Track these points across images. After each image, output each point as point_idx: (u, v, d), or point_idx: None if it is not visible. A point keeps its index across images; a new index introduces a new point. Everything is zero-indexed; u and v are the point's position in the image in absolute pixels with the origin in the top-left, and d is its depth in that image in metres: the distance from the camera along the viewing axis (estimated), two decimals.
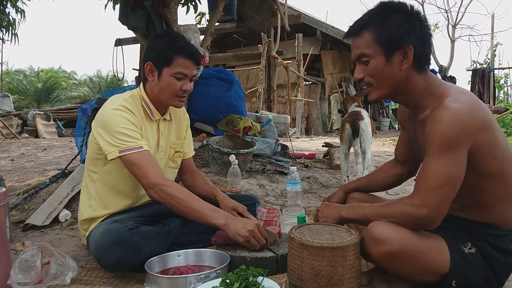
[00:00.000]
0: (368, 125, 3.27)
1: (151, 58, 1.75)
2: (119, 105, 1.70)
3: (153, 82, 1.76)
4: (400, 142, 1.70)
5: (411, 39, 1.30)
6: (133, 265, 1.59)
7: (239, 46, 12.73)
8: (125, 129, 1.65)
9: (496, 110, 9.77)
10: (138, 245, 1.57)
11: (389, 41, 1.30)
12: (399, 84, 1.35)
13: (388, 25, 1.30)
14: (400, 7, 1.33)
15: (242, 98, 4.56)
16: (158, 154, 1.84)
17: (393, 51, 1.31)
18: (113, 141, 1.63)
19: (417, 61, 1.32)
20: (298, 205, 2.11)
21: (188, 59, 1.74)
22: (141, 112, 1.77)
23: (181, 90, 1.75)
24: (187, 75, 1.75)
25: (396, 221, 1.31)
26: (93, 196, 1.76)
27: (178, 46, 1.74)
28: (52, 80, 22.29)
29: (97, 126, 1.70)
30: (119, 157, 1.63)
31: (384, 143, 7.46)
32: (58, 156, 5.54)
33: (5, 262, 1.50)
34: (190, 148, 2.06)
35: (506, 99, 17.80)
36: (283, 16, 5.30)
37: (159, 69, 1.74)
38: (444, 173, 1.24)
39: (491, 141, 1.29)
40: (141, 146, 1.65)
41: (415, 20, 1.31)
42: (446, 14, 17.68)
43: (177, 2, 3.74)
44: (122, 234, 1.56)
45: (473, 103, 1.29)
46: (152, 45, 1.79)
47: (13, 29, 6.33)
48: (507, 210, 1.35)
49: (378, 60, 1.33)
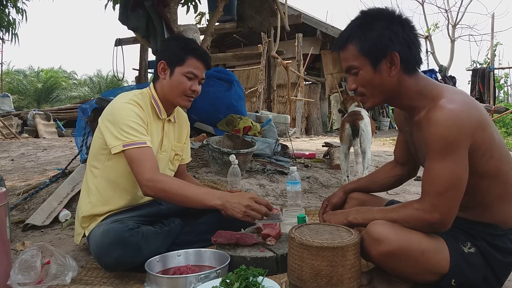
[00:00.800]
0: (368, 125, 3.27)
1: (164, 57, 1.82)
2: (130, 99, 1.75)
3: (165, 80, 1.82)
4: (398, 144, 1.71)
5: (395, 45, 1.30)
6: (133, 265, 1.60)
7: (239, 46, 12.73)
8: (132, 122, 1.68)
9: (496, 110, 9.76)
10: (138, 245, 1.57)
11: (373, 51, 1.31)
12: (391, 90, 1.36)
13: (370, 35, 1.31)
14: (381, 15, 1.34)
15: (242, 98, 4.55)
16: (160, 154, 1.88)
17: (379, 60, 1.32)
18: (119, 134, 1.66)
19: (405, 65, 1.33)
20: (298, 205, 2.10)
21: (200, 61, 1.82)
22: (149, 109, 1.82)
23: (190, 90, 1.82)
24: (197, 76, 1.82)
25: (408, 226, 1.32)
26: (93, 192, 1.77)
27: (191, 48, 1.83)
28: (52, 80, 22.29)
29: (105, 119, 1.73)
30: (123, 151, 1.65)
31: (384, 143, 7.47)
32: (58, 156, 5.54)
33: (5, 262, 1.50)
34: (188, 154, 2.11)
35: (506, 99, 17.81)
36: (283, 16, 5.30)
37: (171, 67, 1.80)
38: (449, 176, 1.25)
39: (488, 140, 1.30)
40: (145, 141, 1.68)
41: (396, 25, 1.31)
42: (446, 14, 17.74)
43: (177, 2, 3.74)
44: (122, 234, 1.56)
45: (468, 103, 1.30)
46: (166, 46, 1.89)
47: (14, 29, 6.33)
48: (506, 210, 1.36)
49: (366, 70, 1.34)
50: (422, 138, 1.33)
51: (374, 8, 1.37)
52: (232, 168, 2.41)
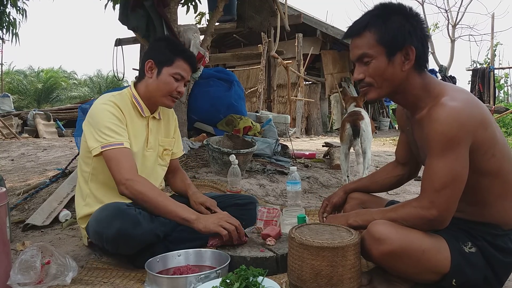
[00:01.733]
0: (369, 125, 3.27)
1: (152, 56, 1.83)
2: (107, 99, 1.77)
3: (151, 79, 1.83)
4: (399, 144, 1.70)
5: (413, 40, 1.31)
6: (133, 241, 1.61)
7: (239, 46, 12.73)
8: (109, 123, 1.71)
9: (496, 110, 9.76)
10: (137, 218, 1.60)
11: (392, 41, 1.31)
12: (398, 85, 1.36)
13: (391, 26, 1.31)
14: (400, 9, 1.34)
15: (242, 98, 4.55)
16: (147, 151, 1.89)
17: (395, 52, 1.32)
18: (98, 135, 1.69)
19: (418, 61, 1.33)
20: (298, 205, 2.10)
21: (187, 63, 1.85)
22: (130, 108, 1.83)
23: (176, 91, 1.84)
24: (184, 77, 1.84)
25: (407, 225, 1.32)
26: (88, 195, 1.80)
27: (180, 49, 1.86)
28: (52, 80, 22.29)
29: (86, 122, 1.77)
30: (101, 152, 1.68)
31: (384, 143, 7.47)
32: (58, 156, 5.54)
33: (5, 262, 1.50)
34: (179, 148, 2.11)
35: (506, 99, 17.81)
36: (283, 16, 5.29)
37: (159, 67, 1.82)
38: (448, 173, 1.25)
39: (490, 139, 1.30)
40: (122, 142, 1.70)
41: (415, 21, 1.33)
42: (446, 14, 17.72)
43: (177, 2, 3.74)
44: (121, 206, 1.61)
45: (470, 101, 1.30)
46: (155, 46, 1.90)
47: (14, 29, 6.33)
48: (506, 209, 1.36)
49: (380, 60, 1.33)
50: (424, 136, 1.33)
51: (393, 3, 1.38)
52: (232, 168, 2.41)
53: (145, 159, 1.88)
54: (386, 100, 13.98)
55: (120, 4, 3.50)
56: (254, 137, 3.86)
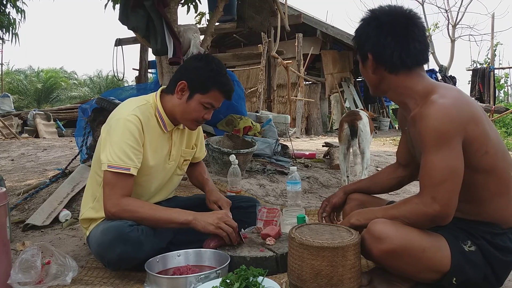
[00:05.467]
0: (367, 125, 3.26)
1: (188, 79, 1.72)
2: (132, 113, 1.66)
3: (180, 101, 1.73)
4: (400, 145, 1.71)
5: (368, 45, 1.40)
6: (136, 261, 1.59)
7: (239, 46, 12.73)
8: (126, 144, 1.62)
9: (496, 110, 9.76)
10: (140, 240, 1.56)
11: (357, 48, 1.46)
12: (377, 85, 1.47)
13: (356, 33, 1.46)
14: (366, 16, 1.43)
15: (242, 98, 4.55)
16: (168, 164, 1.85)
17: (364, 57, 1.44)
18: (109, 153, 1.62)
19: (382, 65, 1.39)
20: (298, 205, 2.10)
21: (223, 95, 1.76)
22: (154, 121, 1.75)
23: (202, 118, 1.76)
24: (215, 107, 1.77)
25: (410, 222, 1.32)
26: (97, 199, 1.75)
27: (220, 81, 1.74)
28: (52, 80, 22.26)
29: (105, 129, 1.69)
30: (105, 170, 1.62)
31: (384, 143, 7.47)
32: (58, 156, 5.54)
33: (5, 262, 1.50)
34: (201, 153, 2.08)
35: (506, 99, 17.80)
36: (283, 16, 5.29)
37: (192, 92, 1.72)
38: (445, 167, 1.26)
39: (482, 136, 1.31)
40: (129, 168, 1.62)
41: (372, 28, 1.39)
42: (446, 14, 17.76)
43: (177, 2, 3.74)
44: (123, 230, 1.55)
45: (459, 98, 1.32)
46: (193, 67, 1.75)
47: (14, 29, 6.34)
48: (502, 207, 1.36)
49: (360, 64, 1.49)
50: (417, 134, 1.34)
51: (370, 9, 1.45)
52: (232, 168, 2.41)
53: (165, 171, 1.84)
54: (386, 100, 13.99)
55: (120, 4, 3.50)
56: (254, 137, 3.86)
